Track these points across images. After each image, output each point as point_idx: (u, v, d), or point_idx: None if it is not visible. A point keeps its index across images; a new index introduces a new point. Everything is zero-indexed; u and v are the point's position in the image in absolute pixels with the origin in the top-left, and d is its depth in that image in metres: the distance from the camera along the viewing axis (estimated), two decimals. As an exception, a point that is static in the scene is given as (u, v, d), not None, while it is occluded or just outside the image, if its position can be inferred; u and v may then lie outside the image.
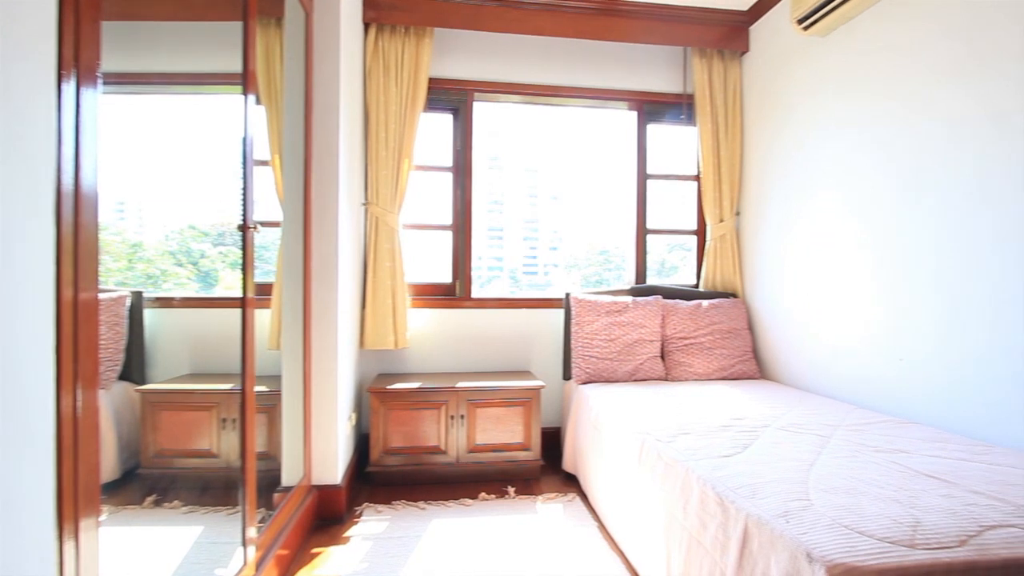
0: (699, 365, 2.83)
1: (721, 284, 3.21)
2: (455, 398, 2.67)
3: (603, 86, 3.27)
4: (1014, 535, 1.09)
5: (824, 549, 1.03)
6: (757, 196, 3.09)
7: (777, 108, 2.90)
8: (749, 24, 3.12)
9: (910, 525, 1.11)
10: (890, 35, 2.17)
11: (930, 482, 1.36)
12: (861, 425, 1.92)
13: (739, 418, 2.01)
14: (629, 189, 3.37)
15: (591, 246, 3.99)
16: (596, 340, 2.81)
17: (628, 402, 2.33)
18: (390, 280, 2.84)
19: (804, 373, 2.68)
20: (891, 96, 2.17)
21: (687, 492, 1.52)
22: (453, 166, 3.20)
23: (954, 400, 1.90)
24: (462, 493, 2.56)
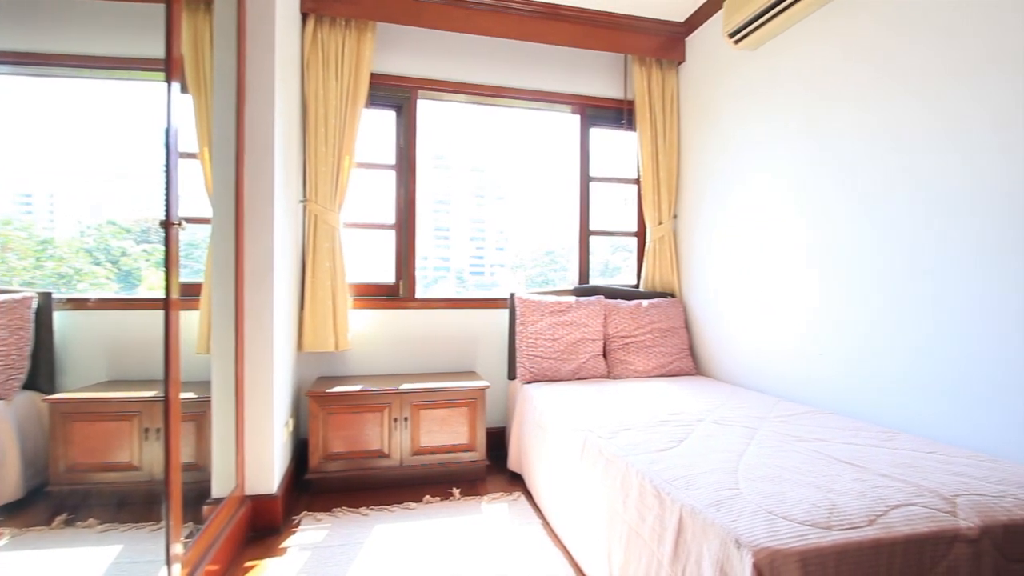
0: (639, 363, 2.92)
1: (660, 284, 3.33)
2: (399, 400, 2.62)
3: (547, 89, 3.32)
4: (914, 512, 1.19)
5: (751, 535, 1.09)
6: (693, 200, 3.23)
7: (711, 117, 3.04)
8: (685, 35, 3.26)
9: (827, 508, 1.19)
10: (813, 53, 2.33)
11: (845, 467, 1.47)
12: (786, 417, 2.05)
13: (676, 413, 2.09)
14: (573, 191, 3.43)
15: (537, 246, 4.03)
16: (540, 340, 2.84)
17: (571, 400, 2.37)
18: (330, 280, 2.75)
19: (736, 369, 2.83)
20: (814, 108, 2.33)
21: (627, 486, 1.57)
22: (396, 164, 3.14)
23: (866, 391, 2.06)
24: (406, 497, 2.52)
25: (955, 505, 1.23)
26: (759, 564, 1.04)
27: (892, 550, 1.11)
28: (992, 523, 1.19)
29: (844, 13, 2.16)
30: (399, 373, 3.05)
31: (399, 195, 3.14)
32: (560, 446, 2.12)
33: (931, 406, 1.82)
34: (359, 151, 2.91)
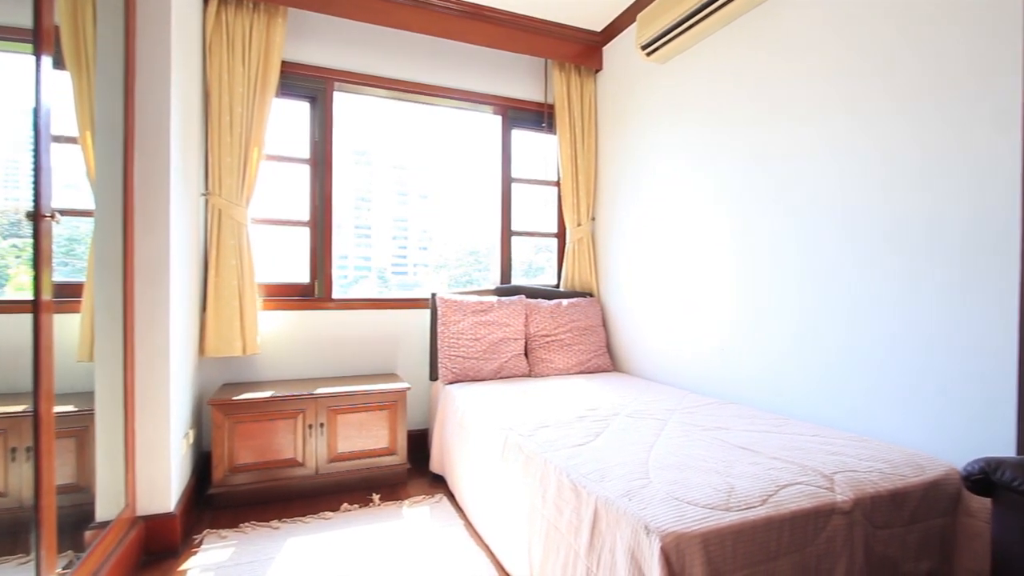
0: (559, 361, 2.99)
1: (579, 284, 3.44)
2: (314, 406, 2.51)
3: (470, 88, 3.32)
4: (800, 491, 1.32)
5: (659, 521, 1.15)
6: (609, 203, 3.37)
7: (625, 124, 3.18)
8: (602, 44, 3.38)
9: (726, 491, 1.29)
10: (715, 69, 2.50)
11: (743, 453, 1.59)
12: (692, 408, 2.19)
13: (593, 408, 2.16)
14: (496, 191, 3.45)
15: (461, 246, 4.01)
16: (462, 340, 2.83)
17: (493, 399, 2.38)
18: (236, 280, 2.57)
19: (649, 365, 2.98)
20: (717, 121, 2.50)
21: (545, 482, 1.60)
22: (311, 158, 3.00)
23: (762, 382, 2.25)
24: (322, 506, 2.41)
25: (833, 482, 1.38)
26: (666, 548, 1.10)
27: (781, 526, 1.22)
28: (862, 495, 1.34)
29: (743, 36, 2.34)
30: (315, 377, 2.92)
31: (314, 191, 3.00)
32: (482, 446, 2.13)
33: (814, 394, 2.02)
34: (270, 143, 2.74)
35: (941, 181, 1.63)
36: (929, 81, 1.66)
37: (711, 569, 1.12)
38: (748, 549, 1.17)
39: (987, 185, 1.52)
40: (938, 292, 1.63)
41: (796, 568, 1.23)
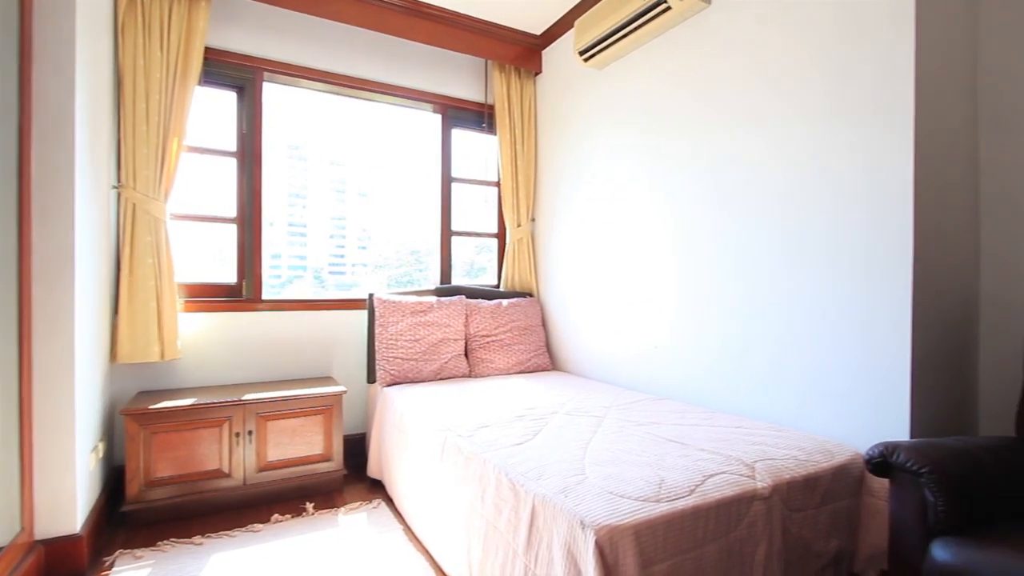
0: (499, 361, 3.00)
1: (519, 284, 3.46)
2: (241, 412, 2.37)
3: (410, 86, 3.26)
4: (724, 480, 1.39)
5: (593, 515, 1.18)
6: (549, 205, 3.42)
7: (564, 127, 3.24)
8: (542, 48, 3.43)
9: (657, 484, 1.34)
10: (648, 77, 2.60)
11: (673, 446, 1.66)
12: (628, 404, 2.26)
13: (532, 408, 2.19)
14: (435, 190, 3.42)
15: (402, 245, 3.93)
16: (401, 341, 2.78)
17: (432, 401, 2.35)
18: (154, 279, 2.39)
19: (588, 363, 3.05)
20: (651, 128, 2.60)
21: (485, 482, 1.60)
22: (238, 151, 2.84)
23: (695, 378, 2.36)
24: (251, 518, 2.29)
25: (754, 470, 1.46)
26: (600, 541, 1.13)
27: (707, 513, 1.29)
28: (780, 481, 1.44)
29: (675, 48, 2.44)
30: (244, 382, 2.77)
31: (242, 186, 2.84)
32: (421, 448, 2.10)
33: (740, 388, 2.14)
34: (192, 134, 2.58)
35: (848, 193, 1.77)
36: (846, 104, 1.80)
37: (643, 559, 1.16)
38: (677, 537, 1.22)
39: (885, 197, 1.67)
40: (847, 295, 1.78)
41: (721, 553, 1.30)
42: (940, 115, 1.68)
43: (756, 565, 1.36)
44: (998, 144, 1.78)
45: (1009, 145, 1.75)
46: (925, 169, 1.63)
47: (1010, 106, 1.75)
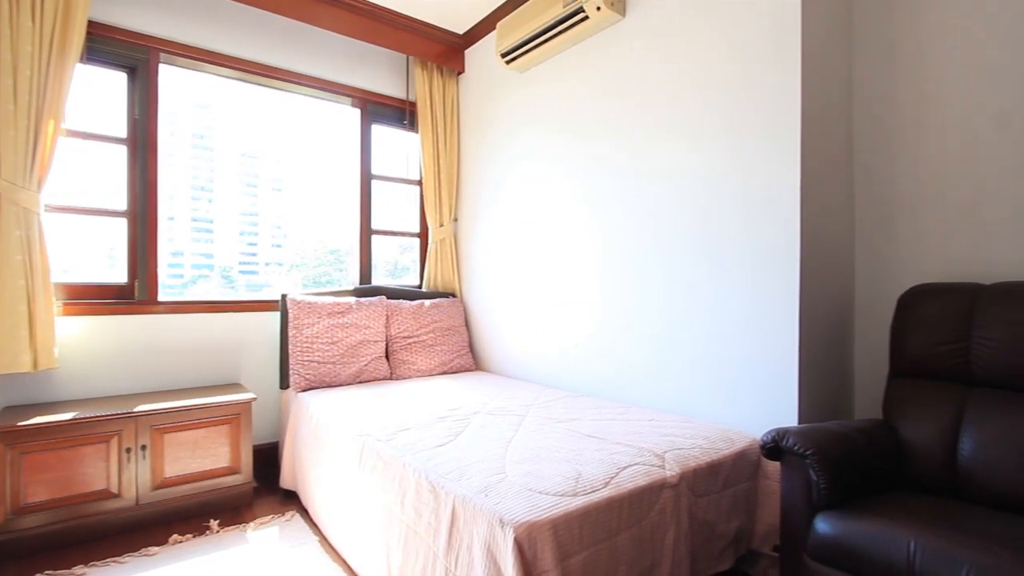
0: (422, 362, 2.96)
1: (442, 284, 3.43)
2: (133, 425, 2.16)
3: (328, 77, 3.13)
4: (637, 471, 1.46)
5: (513, 513, 1.19)
6: (472, 205, 3.41)
7: (488, 128, 3.26)
8: (465, 47, 3.42)
9: (574, 478, 1.38)
10: (568, 83, 2.67)
11: (591, 441, 1.71)
12: (549, 402, 2.31)
13: (454, 409, 2.17)
14: (355, 187, 3.30)
15: (320, 244, 3.75)
16: (317, 344, 2.66)
17: (351, 405, 2.27)
18: (24, 279, 2.12)
19: (511, 363, 3.08)
20: (572, 132, 2.67)
21: (404, 486, 1.56)
22: (129, 138, 2.58)
23: (611, 375, 2.45)
24: (146, 541, 2.09)
25: (664, 460, 1.55)
26: (519, 538, 1.14)
27: (621, 504, 1.34)
28: (686, 469, 1.53)
29: (592, 57, 2.53)
30: (138, 393, 2.52)
31: (134, 176, 2.58)
32: (338, 455, 2.01)
33: (655, 384, 2.25)
34: (73, 116, 2.31)
35: (751, 204, 1.92)
36: (746, 123, 1.95)
37: (560, 552, 1.18)
38: (593, 529, 1.27)
39: (779, 207, 1.83)
40: (750, 296, 1.93)
41: (634, 541, 1.36)
42: (821, 136, 1.87)
43: (665, 549, 1.44)
44: (869, 161, 2.00)
45: (878, 162, 1.98)
46: (809, 183, 1.80)
47: (879, 128, 1.98)
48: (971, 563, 1.10)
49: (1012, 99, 1.68)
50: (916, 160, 1.89)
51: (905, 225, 1.91)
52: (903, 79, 1.92)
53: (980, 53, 1.74)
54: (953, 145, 1.80)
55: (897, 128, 1.93)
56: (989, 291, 1.57)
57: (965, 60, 1.77)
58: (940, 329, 1.61)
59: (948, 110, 1.81)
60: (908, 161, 1.91)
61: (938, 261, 1.83)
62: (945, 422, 1.54)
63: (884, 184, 1.97)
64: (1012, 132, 1.68)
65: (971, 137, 1.76)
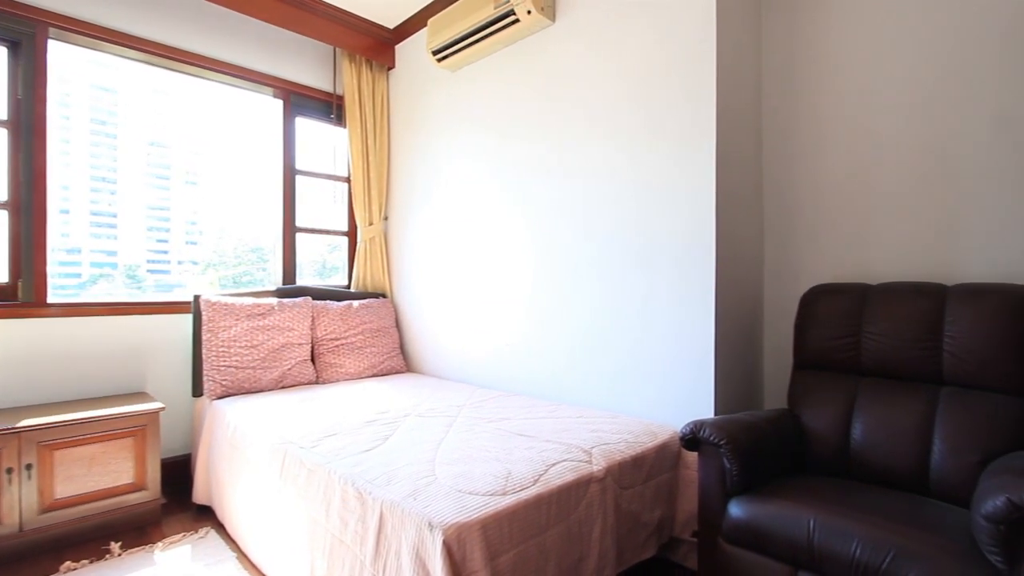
0: (350, 365, 2.86)
1: (371, 284, 3.34)
2: (15, 443, 1.93)
3: (247, 65, 2.96)
4: (565, 467, 1.49)
5: (441, 515, 1.18)
6: (403, 203, 3.35)
7: (419, 126, 3.21)
8: (395, 43, 3.35)
9: (504, 477, 1.38)
10: (501, 83, 2.68)
11: (521, 439, 1.73)
12: (480, 402, 2.31)
13: (384, 411, 2.12)
14: (278, 183, 3.14)
15: (241, 242, 3.53)
16: (235, 347, 2.50)
17: (272, 412, 2.16)
18: None
19: (443, 363, 3.05)
20: (507, 133, 2.68)
21: (329, 494, 1.51)
22: (11, 120, 2.31)
23: (542, 374, 2.49)
24: (33, 572, 1.87)
25: (591, 455, 1.59)
26: (448, 540, 1.13)
27: (550, 500, 1.36)
28: (612, 463, 1.58)
29: (524, 59, 2.55)
30: (24, 405, 2.26)
31: (16, 163, 2.31)
32: (258, 465, 1.91)
33: (585, 381, 2.31)
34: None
35: (670, 206, 2.02)
36: (667, 132, 2.04)
37: (489, 552, 1.19)
38: (522, 526, 1.28)
39: (698, 211, 1.93)
40: (675, 295, 2.02)
41: (562, 535, 1.39)
42: (734, 145, 2.00)
43: (593, 542, 1.48)
44: (776, 172, 2.17)
45: (783, 170, 2.15)
46: (723, 189, 1.92)
47: (784, 142, 2.14)
48: (859, 536, 1.22)
49: (892, 122, 1.87)
50: (815, 173, 2.06)
51: (807, 231, 2.09)
52: (803, 99, 2.09)
53: (867, 79, 1.93)
54: (844, 161, 1.99)
55: (799, 143, 2.10)
56: (875, 291, 1.74)
57: (854, 86, 1.96)
58: (835, 325, 1.77)
59: (840, 129, 2.00)
60: (808, 174, 2.08)
61: (835, 263, 2.01)
62: (840, 410, 1.69)
63: (789, 194, 2.13)
64: (892, 151, 1.87)
65: (859, 154, 1.95)
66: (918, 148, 1.82)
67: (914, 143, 1.83)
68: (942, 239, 1.77)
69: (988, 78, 1.69)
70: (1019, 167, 1.63)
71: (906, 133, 1.85)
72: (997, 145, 1.67)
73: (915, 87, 1.83)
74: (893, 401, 1.61)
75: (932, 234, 1.79)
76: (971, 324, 1.51)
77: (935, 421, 1.52)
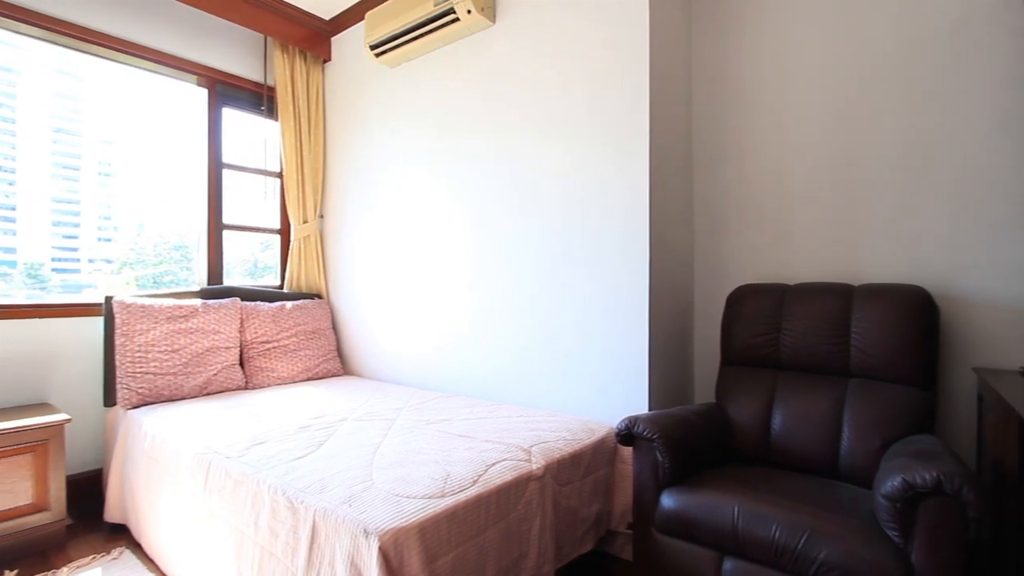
0: (283, 369, 2.74)
1: (306, 285, 3.21)
2: None
3: (167, 50, 2.76)
4: (505, 466, 1.50)
5: (377, 522, 1.15)
6: (339, 200, 3.24)
7: (358, 121, 3.12)
8: (332, 35, 3.24)
9: (443, 479, 1.37)
10: (441, 81, 2.66)
11: (461, 440, 1.72)
12: (421, 404, 2.27)
13: (319, 416, 2.04)
14: (202, 177, 2.95)
15: (163, 239, 3.29)
16: (154, 352, 2.33)
17: (195, 420, 2.03)
18: None
19: (382, 365, 2.98)
20: (448, 131, 2.66)
21: (258, 505, 1.43)
22: None
23: (484, 374, 2.49)
24: (-96, 608, 1.66)
25: (530, 454, 1.61)
26: (384, 546, 1.11)
27: (489, 500, 1.36)
28: (551, 461, 1.61)
29: (465, 58, 2.54)
30: None
31: None
32: (179, 477, 1.78)
33: (527, 380, 2.33)
34: None
35: (608, 209, 2.08)
36: (607, 138, 2.09)
37: (427, 556, 1.17)
38: (461, 528, 1.27)
39: (633, 215, 2.00)
40: (612, 295, 2.07)
41: (502, 535, 1.39)
42: (667, 150, 2.08)
43: (532, 540, 1.49)
44: (705, 178, 2.28)
45: (711, 178, 2.26)
46: (657, 193, 2.00)
47: (712, 150, 2.26)
48: (778, 520, 1.31)
49: (808, 132, 2.02)
50: (741, 180, 2.19)
51: (733, 234, 2.21)
52: (730, 108, 2.21)
53: (785, 91, 2.07)
54: (767, 168, 2.12)
55: (726, 151, 2.22)
56: (793, 291, 1.87)
57: (775, 97, 2.10)
58: (757, 323, 1.88)
59: (763, 138, 2.13)
60: (735, 180, 2.20)
61: (759, 264, 2.14)
62: (761, 402, 1.80)
63: (716, 198, 2.25)
64: (808, 160, 2.02)
65: (780, 162, 2.09)
66: (829, 158, 1.98)
67: (826, 153, 1.98)
68: (851, 242, 1.93)
69: (889, 93, 1.85)
70: (913, 178, 1.80)
71: (819, 144, 2.00)
72: (896, 158, 1.84)
73: (826, 100, 1.98)
74: (808, 393, 1.73)
75: (842, 237, 1.95)
76: (873, 321, 1.65)
77: (844, 411, 1.65)
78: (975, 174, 1.71)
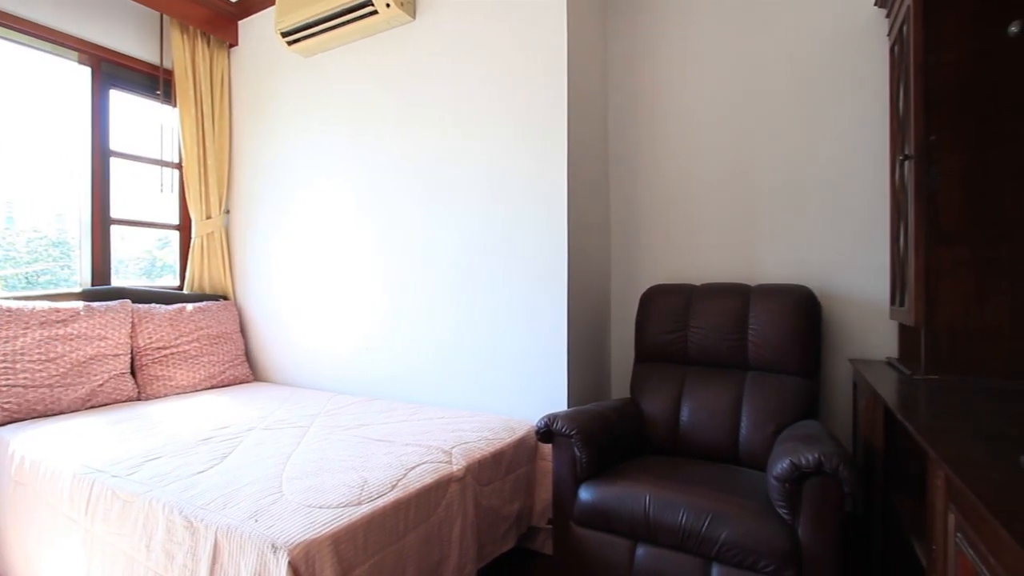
0: (182, 377, 2.52)
1: (210, 286, 2.98)
2: None
3: (41, 22, 2.45)
4: (425, 469, 1.47)
5: (287, 535, 1.09)
6: (248, 195, 3.04)
7: (267, 112, 2.93)
8: (239, 18, 3.03)
9: (359, 486, 1.32)
10: (356, 75, 2.57)
11: (380, 445, 1.67)
12: (337, 409, 2.18)
13: (223, 427, 1.90)
14: (86, 166, 2.65)
15: (37, 234, 2.91)
16: (23, 362, 2.06)
17: (76, 437, 1.82)
18: None
19: (293, 370, 2.83)
20: (364, 126, 2.57)
21: (151, 526, 1.31)
22: None
23: (404, 376, 2.43)
24: None
25: (451, 455, 1.59)
26: (295, 561, 1.05)
27: (408, 504, 1.34)
28: (472, 461, 1.60)
29: (386, 51, 2.47)
30: None
31: None
32: (56, 502, 1.58)
33: (447, 381, 2.31)
34: None
35: (528, 214, 2.11)
36: (528, 143, 2.12)
37: (342, 567, 1.13)
38: (378, 536, 1.23)
39: (553, 223, 2.04)
40: (527, 295, 2.10)
41: (421, 539, 1.37)
42: (584, 157, 2.15)
43: (453, 541, 1.48)
44: (620, 186, 2.38)
45: (627, 183, 2.36)
46: (575, 198, 2.06)
47: (627, 159, 2.36)
48: (684, 505, 1.39)
49: (708, 140, 2.17)
50: (652, 186, 2.31)
51: (646, 238, 2.32)
52: (642, 118, 2.33)
53: (689, 100, 2.21)
54: (676, 174, 2.25)
55: (640, 158, 2.34)
56: (699, 291, 2.00)
57: (681, 105, 2.23)
58: (667, 321, 1.99)
59: (671, 146, 2.26)
60: (648, 185, 2.32)
61: (670, 266, 2.26)
62: (671, 396, 1.91)
63: (631, 205, 2.36)
64: (711, 167, 2.17)
65: (686, 171, 2.23)
66: (730, 166, 2.14)
67: (727, 161, 2.14)
68: (749, 245, 2.10)
69: (777, 108, 2.04)
70: (800, 187, 1.99)
71: (721, 153, 2.15)
72: (786, 168, 2.02)
73: (724, 112, 2.15)
74: (712, 386, 1.86)
75: (742, 240, 2.11)
76: (766, 319, 1.80)
77: (743, 401, 1.79)
78: (846, 183, 1.92)
